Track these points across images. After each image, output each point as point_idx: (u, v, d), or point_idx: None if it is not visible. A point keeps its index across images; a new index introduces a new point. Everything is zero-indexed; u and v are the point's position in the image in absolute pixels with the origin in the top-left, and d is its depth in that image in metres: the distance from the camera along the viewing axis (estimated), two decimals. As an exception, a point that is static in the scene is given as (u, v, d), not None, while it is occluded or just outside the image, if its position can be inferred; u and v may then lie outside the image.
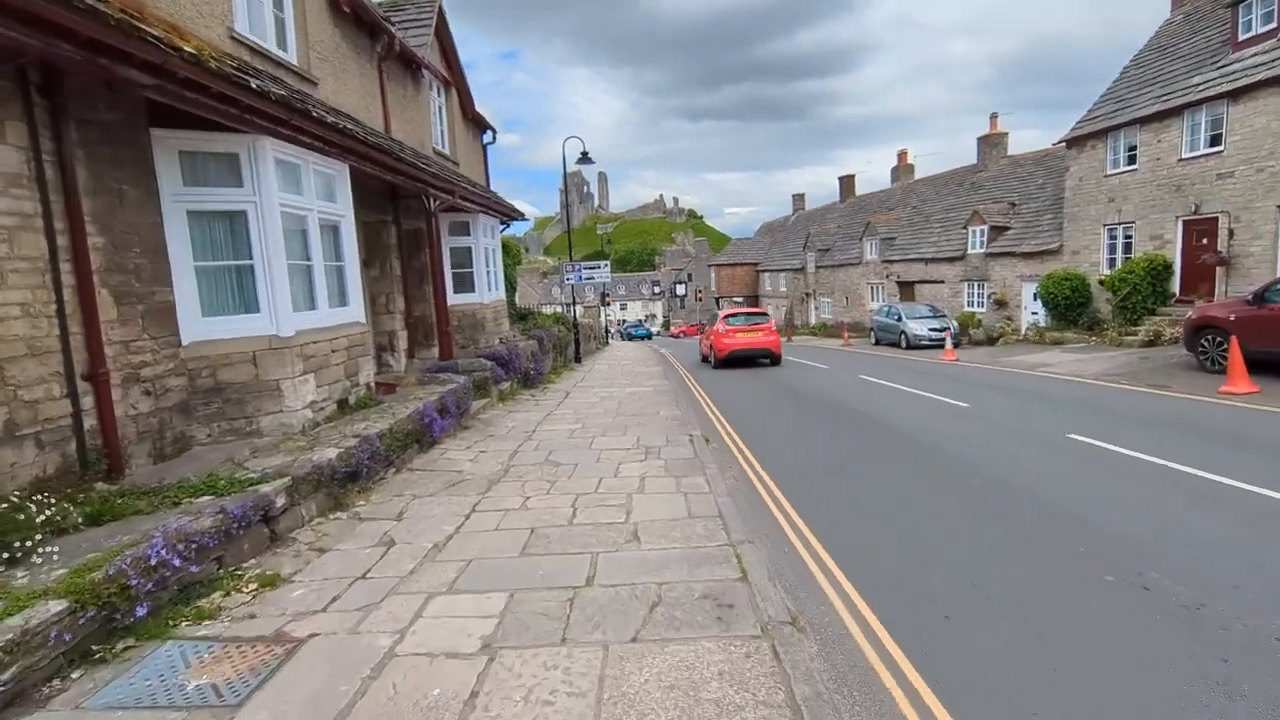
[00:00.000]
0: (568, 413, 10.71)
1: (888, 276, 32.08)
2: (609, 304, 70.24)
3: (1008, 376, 14.09)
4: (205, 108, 5.57)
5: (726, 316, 19.62)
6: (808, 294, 42.02)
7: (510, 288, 19.90)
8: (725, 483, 6.43)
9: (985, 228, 25.07)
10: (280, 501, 4.99)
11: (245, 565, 4.51)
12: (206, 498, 4.69)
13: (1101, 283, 19.45)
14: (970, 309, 26.19)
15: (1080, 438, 7.65)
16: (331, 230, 7.93)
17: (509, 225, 17.85)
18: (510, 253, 19.79)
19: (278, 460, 5.67)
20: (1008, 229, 24.68)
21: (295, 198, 7.05)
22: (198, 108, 5.55)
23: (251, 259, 6.53)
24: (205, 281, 6.41)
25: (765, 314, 20.92)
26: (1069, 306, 20.30)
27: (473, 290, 14.40)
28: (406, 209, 11.79)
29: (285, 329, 6.65)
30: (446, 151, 14.86)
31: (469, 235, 14.31)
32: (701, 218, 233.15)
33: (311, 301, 7.39)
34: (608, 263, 20.99)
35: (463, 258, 14.32)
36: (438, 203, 11.33)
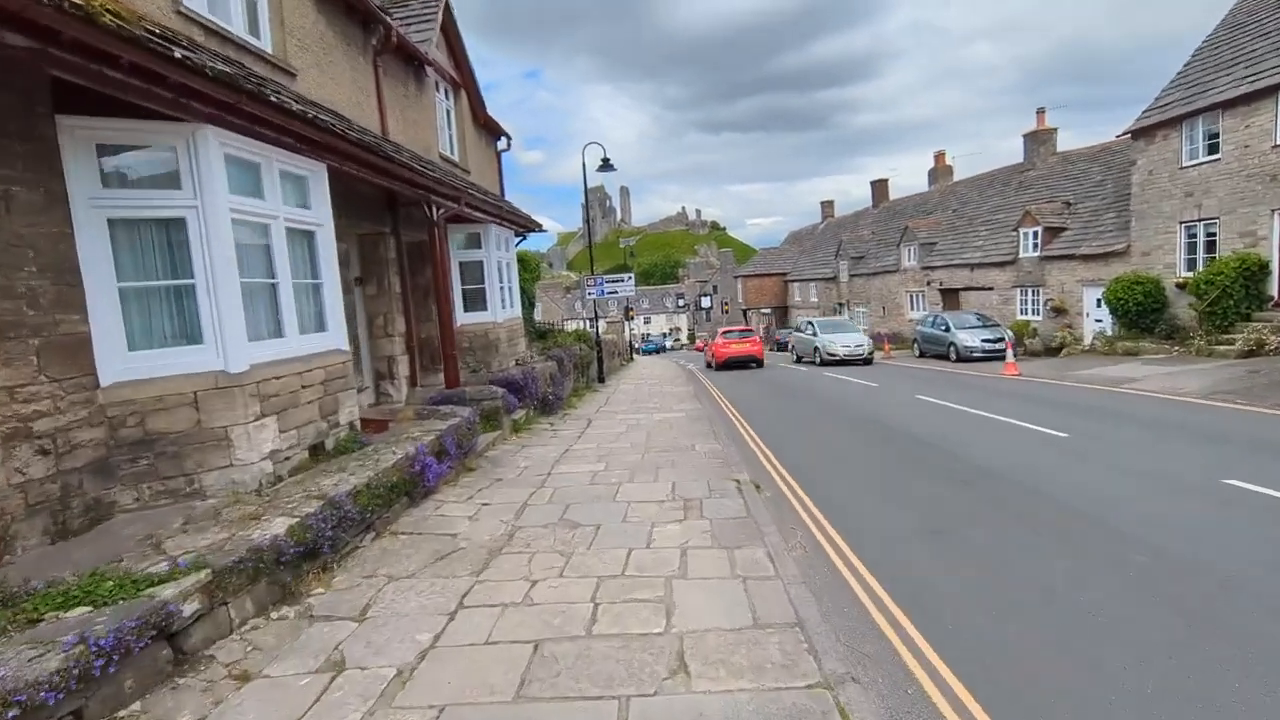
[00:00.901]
0: (589, 447, 9.30)
1: (929, 284, 30.24)
2: (633, 318, 69.07)
3: (1092, 395, 12.34)
4: (117, 85, 4.31)
5: (724, 332, 26.60)
6: (841, 304, 40.23)
7: (528, 304, 18.66)
8: (793, 557, 4.93)
9: (1039, 229, 23.21)
10: (191, 608, 3.63)
11: (119, 716, 3.14)
12: (80, 610, 3.35)
13: (1181, 286, 17.53)
14: (1024, 317, 24.28)
15: (1245, 485, 5.99)
16: (305, 242, 6.67)
17: (525, 238, 16.60)
18: (528, 267, 18.58)
19: (210, 537, 4.33)
20: (1064, 230, 22.80)
21: (253, 202, 5.78)
22: (109, 86, 4.30)
23: (193, 278, 5.25)
24: (133, 307, 5.14)
25: (751, 330, 30.62)
26: (1141, 313, 18.38)
27: (484, 308, 13.11)
28: (408, 219, 10.56)
29: (236, 363, 5.35)
30: (455, 158, 13.67)
31: (480, 248, 13.04)
32: (724, 229, 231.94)
33: (277, 328, 6.10)
34: (631, 275, 19.67)
35: (473, 273, 13.05)
36: (442, 211, 10.07)
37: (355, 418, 7.19)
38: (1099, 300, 20.95)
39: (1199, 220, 17.17)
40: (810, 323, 25.82)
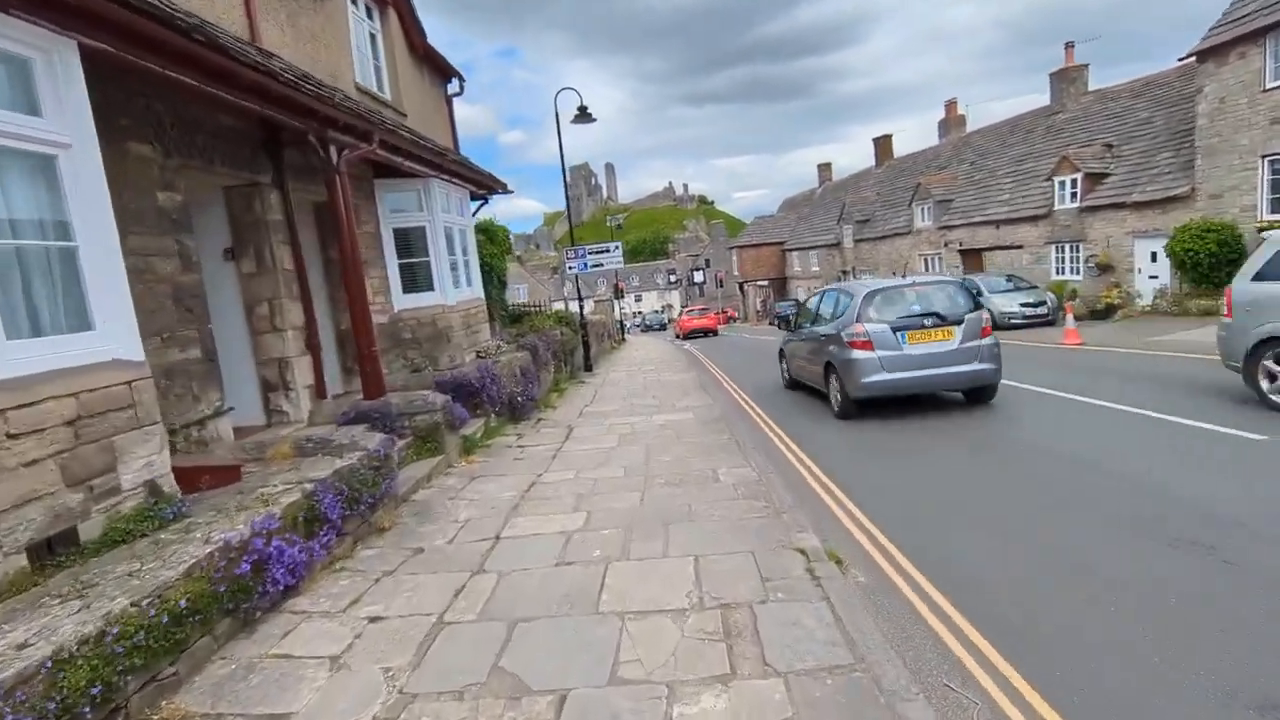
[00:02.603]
0: (564, 479, 6.50)
1: (946, 245, 27.47)
2: (623, 295, 66.20)
3: (1211, 369, 9.64)
4: None
5: (687, 311, 39.19)
6: (845, 272, 37.43)
7: (497, 283, 15.77)
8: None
9: (1078, 176, 20.41)
10: None
11: None
12: None
13: (1264, 231, 14.79)
14: (1059, 277, 21.59)
15: None
16: (33, 174, 3.78)
17: (488, 200, 13.67)
18: (496, 239, 15.66)
19: None
20: (1107, 176, 20.02)
21: None
22: None
23: None
24: None
25: (708, 308, 44.35)
26: (1213, 266, 15.69)
27: (431, 288, 10.24)
28: (306, 169, 7.63)
29: None
30: (384, 94, 10.67)
31: (422, 210, 10.13)
32: (713, 203, 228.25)
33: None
34: (618, 245, 16.79)
35: (414, 243, 10.15)
36: (346, 153, 7.17)
37: (162, 472, 4.33)
38: (1154, 254, 18.29)
39: (1291, 151, 14.40)
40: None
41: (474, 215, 13.38)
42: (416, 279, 10.20)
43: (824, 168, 49.75)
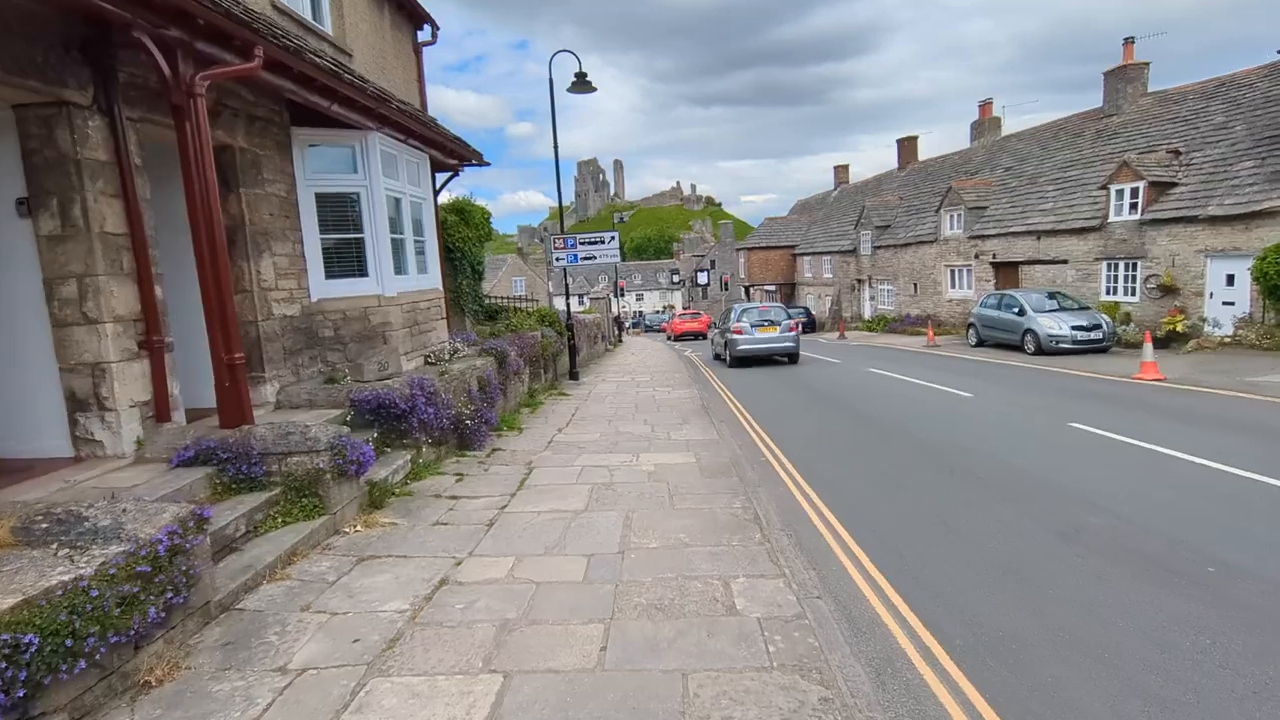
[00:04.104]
0: (490, 580, 4.16)
1: (977, 256, 25.07)
2: (624, 294, 63.98)
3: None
4: None
5: (679, 314, 41.53)
6: (860, 280, 35.07)
7: (471, 273, 13.42)
8: None
9: (1140, 185, 18.04)
10: None
11: None
12: None
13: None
14: (1110, 298, 19.23)
15: None
16: None
17: (458, 173, 11.35)
18: (471, 222, 13.30)
19: None
20: (1174, 186, 17.65)
21: None
22: None
23: None
24: None
25: (699, 313, 42.68)
26: (1311, 294, 13.37)
27: (362, 272, 7.93)
28: (158, 90, 5.29)
29: None
30: (320, 25, 8.33)
31: (356, 173, 7.82)
32: (720, 205, 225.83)
33: None
34: (614, 236, 14.44)
35: (342, 212, 7.84)
36: (210, 69, 4.87)
37: None
38: (1230, 276, 15.94)
39: None
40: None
41: (439, 189, 11.07)
42: (344, 261, 7.89)
43: (840, 169, 47.30)
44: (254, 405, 6.45)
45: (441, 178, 11.19)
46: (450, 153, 10.42)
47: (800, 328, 19.51)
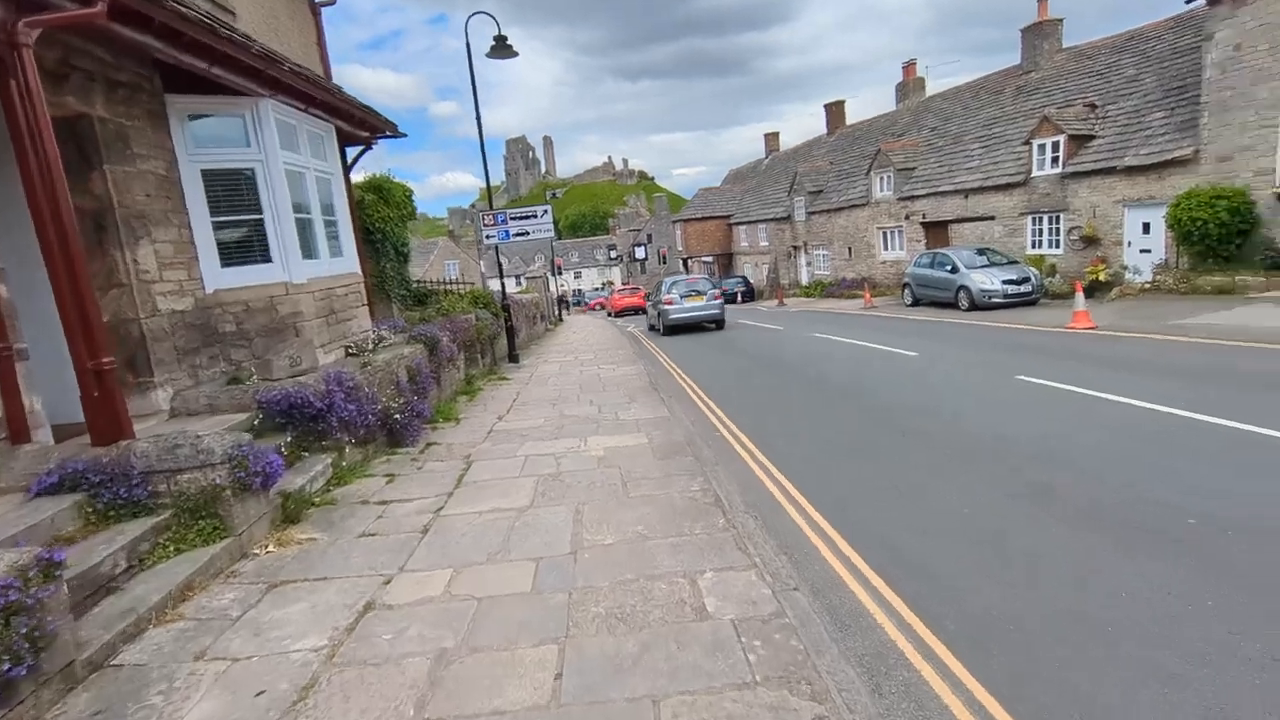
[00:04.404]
0: (425, 599, 3.62)
1: (908, 217, 25.44)
2: (561, 272, 62.88)
3: (1309, 365, 7.53)
4: None
5: (618, 290, 42.42)
6: (795, 247, 35.29)
7: (395, 255, 12.51)
8: None
9: (1060, 139, 18.48)
10: None
11: None
12: None
13: (1284, 198, 13.12)
14: (1036, 251, 19.78)
15: None
16: None
17: (370, 146, 10.43)
18: (391, 200, 12.36)
19: None
20: (1092, 139, 18.16)
21: None
22: None
23: None
24: None
25: (638, 288, 43.00)
26: (1223, 238, 13.94)
27: (264, 258, 7.10)
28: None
29: None
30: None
31: (249, 145, 6.93)
32: (653, 179, 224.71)
33: None
34: (547, 210, 13.74)
35: (236, 192, 6.96)
36: (40, 14, 4.02)
37: None
38: (1146, 225, 16.56)
39: (1319, 105, 12.61)
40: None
41: (352, 165, 10.16)
42: (243, 246, 7.04)
43: (771, 136, 47.34)
44: (143, 415, 5.67)
45: (353, 152, 10.28)
46: (360, 123, 9.50)
47: (724, 297, 22.50)
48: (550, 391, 10.30)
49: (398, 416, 7.07)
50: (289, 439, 5.76)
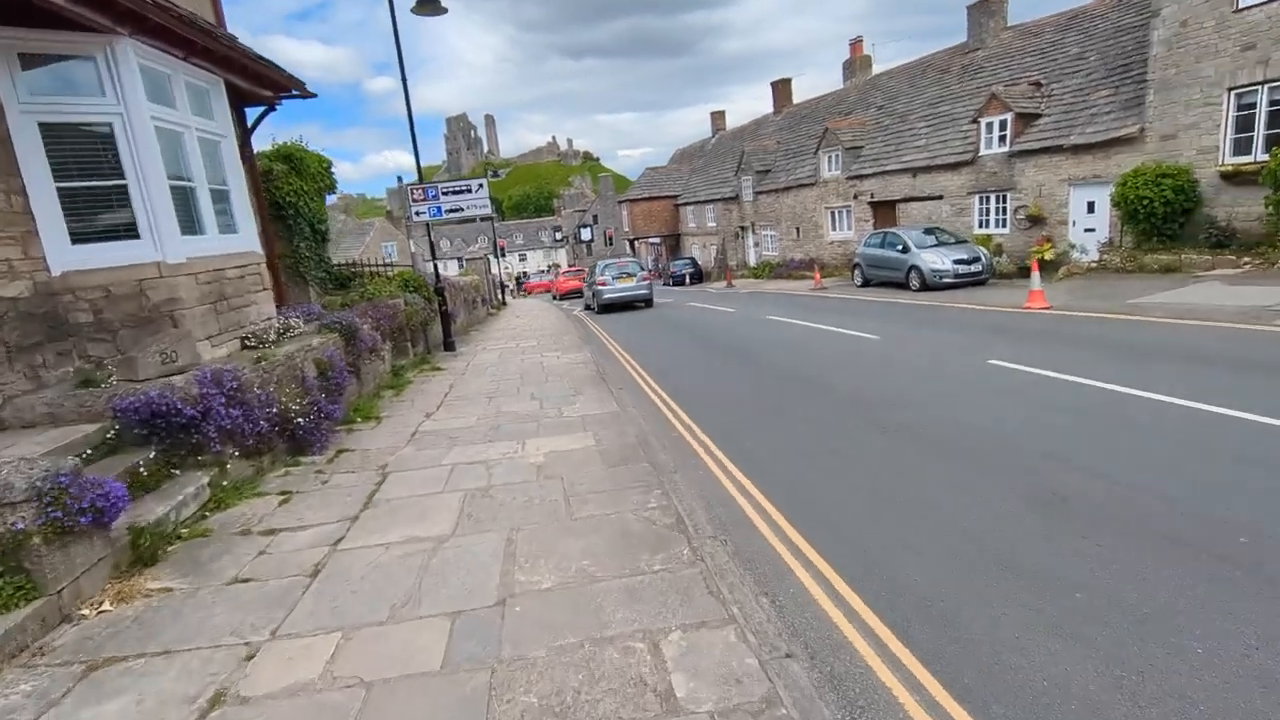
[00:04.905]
0: (298, 682, 2.72)
1: (856, 196, 25.16)
2: (505, 254, 61.07)
3: (1263, 342, 7.25)
4: None
5: (564, 273, 43.32)
6: (743, 227, 34.80)
7: (312, 234, 11.20)
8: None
9: (1008, 118, 18.34)
10: None
11: None
12: None
13: (1228, 177, 13.16)
14: (983, 230, 19.72)
15: None
16: None
17: (275, 108, 9.11)
18: (304, 172, 11.01)
19: None
20: (1039, 117, 18.07)
21: None
22: None
23: None
24: None
25: (582, 270, 40.07)
26: (1168, 216, 13.97)
27: (129, 234, 5.88)
28: None
29: None
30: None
31: (104, 94, 5.68)
32: (598, 159, 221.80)
33: None
34: (482, 184, 12.60)
35: (91, 151, 5.72)
36: None
37: None
38: (1090, 203, 16.57)
39: (1263, 83, 12.61)
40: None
41: (253, 128, 8.86)
42: (101, 218, 5.80)
43: (718, 115, 46.64)
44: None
45: (254, 115, 8.98)
46: (257, 78, 8.19)
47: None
48: (487, 384, 9.33)
49: (300, 420, 6.01)
50: (152, 454, 4.68)
